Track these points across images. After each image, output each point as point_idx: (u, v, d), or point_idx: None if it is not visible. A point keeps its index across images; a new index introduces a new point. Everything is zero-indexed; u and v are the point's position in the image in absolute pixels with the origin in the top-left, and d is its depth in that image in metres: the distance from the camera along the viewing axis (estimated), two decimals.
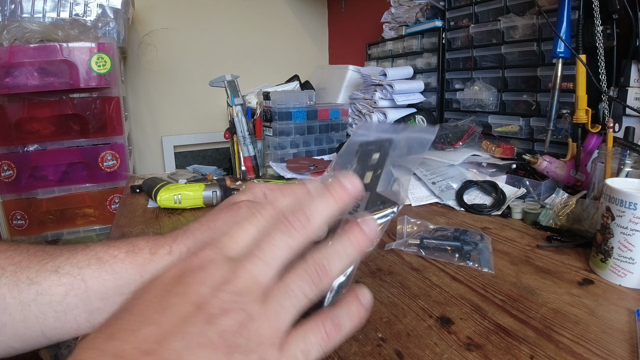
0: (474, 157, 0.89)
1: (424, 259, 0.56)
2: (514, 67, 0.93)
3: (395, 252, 0.58)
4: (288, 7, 1.91)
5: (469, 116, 1.02)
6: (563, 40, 0.74)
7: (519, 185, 0.78)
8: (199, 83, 1.62)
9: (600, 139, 0.74)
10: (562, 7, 0.74)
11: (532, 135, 0.90)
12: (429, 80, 1.17)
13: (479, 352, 0.36)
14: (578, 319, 0.41)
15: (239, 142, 1.01)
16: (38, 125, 1.21)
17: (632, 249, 0.46)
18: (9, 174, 1.18)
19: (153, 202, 0.80)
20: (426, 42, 1.18)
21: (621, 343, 0.37)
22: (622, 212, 0.46)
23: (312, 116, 1.08)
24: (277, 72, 1.78)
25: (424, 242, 0.58)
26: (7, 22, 1.14)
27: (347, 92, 1.29)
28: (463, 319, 0.41)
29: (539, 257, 0.55)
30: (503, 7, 0.94)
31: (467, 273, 0.51)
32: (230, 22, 1.79)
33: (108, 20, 1.29)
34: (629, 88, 0.73)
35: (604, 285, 0.48)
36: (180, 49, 1.71)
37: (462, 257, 0.55)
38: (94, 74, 1.18)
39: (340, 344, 0.37)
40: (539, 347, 0.36)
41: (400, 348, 0.37)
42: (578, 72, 0.72)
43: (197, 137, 1.82)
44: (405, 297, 0.45)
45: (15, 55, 1.11)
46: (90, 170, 1.26)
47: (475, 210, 0.74)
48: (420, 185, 0.83)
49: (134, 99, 1.68)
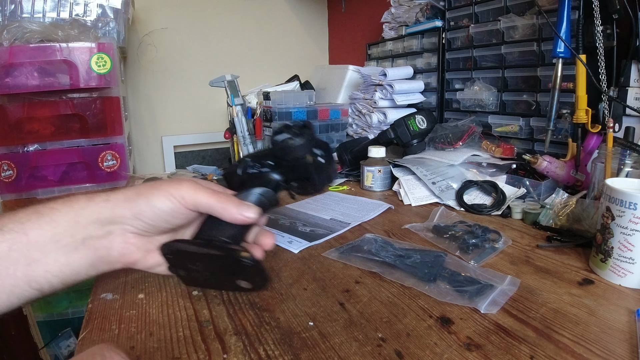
0: (474, 157, 0.89)
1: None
2: (514, 67, 0.93)
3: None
4: (288, 7, 1.91)
5: (469, 116, 1.02)
6: (563, 40, 0.74)
7: (519, 185, 0.78)
8: (199, 83, 1.62)
9: (600, 139, 0.74)
10: (562, 7, 0.74)
11: (532, 135, 0.90)
12: (429, 80, 1.17)
13: (479, 352, 0.36)
14: (578, 319, 0.41)
15: (239, 142, 1.01)
16: (38, 125, 1.21)
17: (632, 249, 0.46)
18: (9, 174, 1.18)
19: None
20: (426, 42, 1.18)
21: (621, 343, 0.37)
22: (622, 212, 0.46)
23: (312, 116, 1.08)
24: (277, 72, 1.78)
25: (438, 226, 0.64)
26: (7, 22, 1.14)
27: (347, 92, 1.29)
28: (463, 319, 0.41)
29: (539, 257, 0.55)
30: (503, 7, 0.94)
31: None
32: (230, 22, 1.79)
33: (108, 20, 1.29)
34: (629, 88, 0.73)
35: (604, 285, 0.48)
36: (180, 49, 1.71)
37: (464, 250, 0.56)
38: (94, 74, 1.18)
39: (340, 344, 0.37)
40: (539, 347, 0.36)
41: (400, 348, 0.37)
42: (578, 72, 0.73)
43: (197, 137, 1.82)
44: (405, 297, 0.45)
45: (15, 55, 1.11)
46: (90, 170, 1.26)
47: (475, 210, 0.74)
48: (420, 185, 0.83)
49: (134, 99, 1.68)
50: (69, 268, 0.39)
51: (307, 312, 0.43)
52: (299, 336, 0.39)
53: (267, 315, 0.42)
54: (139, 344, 0.38)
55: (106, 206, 0.40)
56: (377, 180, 0.90)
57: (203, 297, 0.46)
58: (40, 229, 0.37)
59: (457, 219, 0.68)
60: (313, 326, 0.40)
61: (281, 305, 0.44)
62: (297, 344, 0.37)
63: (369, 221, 0.71)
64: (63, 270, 0.38)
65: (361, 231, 0.66)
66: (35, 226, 0.37)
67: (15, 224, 0.37)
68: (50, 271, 0.38)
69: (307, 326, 0.40)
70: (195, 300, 0.45)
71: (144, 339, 0.38)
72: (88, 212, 0.40)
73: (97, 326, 0.40)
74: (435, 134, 0.97)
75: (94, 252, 0.40)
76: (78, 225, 0.39)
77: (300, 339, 0.38)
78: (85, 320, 0.42)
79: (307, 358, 0.35)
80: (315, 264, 0.54)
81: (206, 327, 0.40)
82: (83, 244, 0.39)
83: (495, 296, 0.44)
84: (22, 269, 0.36)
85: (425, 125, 0.97)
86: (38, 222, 0.38)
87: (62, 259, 0.38)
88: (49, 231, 0.38)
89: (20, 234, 0.37)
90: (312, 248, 0.60)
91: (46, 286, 0.38)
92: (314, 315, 0.42)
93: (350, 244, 0.60)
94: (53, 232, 0.38)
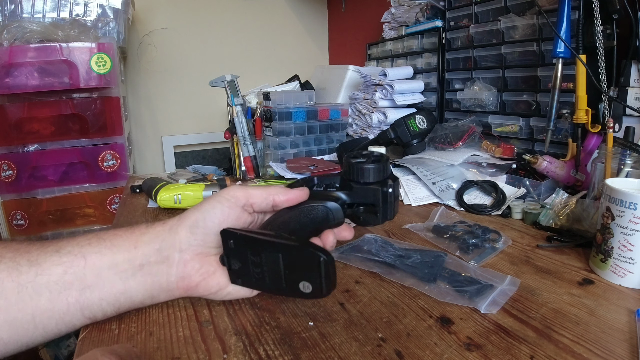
0: (474, 157, 0.89)
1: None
2: (514, 67, 0.93)
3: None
4: (288, 7, 1.91)
5: (469, 116, 1.02)
6: (563, 40, 0.74)
7: (519, 185, 0.78)
8: (199, 83, 1.62)
9: (600, 139, 0.74)
10: (562, 7, 0.74)
11: (532, 135, 0.90)
12: (429, 80, 1.17)
13: (479, 352, 0.36)
14: (578, 319, 0.41)
15: (239, 142, 1.01)
16: (38, 125, 1.21)
17: (632, 249, 0.46)
18: (9, 174, 1.18)
19: (153, 202, 0.80)
20: (426, 42, 1.18)
21: (621, 343, 0.37)
22: (622, 212, 0.46)
23: (312, 116, 1.08)
24: (277, 72, 1.78)
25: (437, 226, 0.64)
26: (7, 22, 1.14)
27: (347, 92, 1.29)
28: (463, 319, 0.41)
29: (539, 257, 0.55)
30: (503, 7, 0.94)
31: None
32: (230, 22, 1.79)
33: (108, 20, 1.29)
34: (629, 88, 0.73)
35: (604, 285, 0.48)
36: (180, 49, 1.71)
37: (464, 250, 0.56)
38: (94, 74, 1.18)
39: (340, 344, 0.37)
40: (539, 347, 0.36)
41: (400, 348, 0.37)
42: (578, 72, 0.72)
43: (197, 137, 1.82)
44: (405, 297, 0.45)
45: (15, 55, 1.11)
46: (90, 170, 1.26)
47: (475, 210, 0.74)
48: (420, 185, 0.83)
49: (134, 99, 1.68)
50: (124, 296, 0.37)
51: (307, 312, 0.43)
52: (299, 336, 0.39)
53: (267, 315, 0.42)
54: (139, 344, 0.38)
55: (163, 229, 0.39)
56: None
57: (203, 297, 0.46)
58: (99, 254, 0.36)
59: (457, 219, 0.68)
60: (313, 326, 0.40)
61: (281, 305, 0.44)
62: (297, 344, 0.37)
63: None
64: (118, 298, 0.37)
65: (361, 231, 0.66)
66: (94, 250, 0.36)
67: (74, 247, 0.36)
68: (106, 299, 0.36)
69: (307, 326, 0.40)
70: (195, 300, 0.45)
71: (144, 339, 0.38)
72: (147, 238, 0.38)
73: (97, 326, 0.40)
74: (435, 134, 0.97)
75: (151, 278, 0.38)
76: (137, 251, 0.38)
77: (300, 339, 0.38)
78: None
79: (307, 358, 0.35)
80: None
81: (206, 327, 0.40)
82: (141, 269, 0.38)
83: (495, 296, 0.44)
84: (75, 294, 0.35)
85: (425, 125, 0.97)
86: (98, 247, 0.36)
87: (119, 285, 0.37)
88: (108, 256, 0.36)
89: (78, 258, 0.35)
90: None
91: (99, 314, 0.37)
92: (314, 315, 0.42)
93: (350, 244, 0.60)
94: (112, 258, 0.36)
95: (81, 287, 0.35)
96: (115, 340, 0.38)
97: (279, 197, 0.41)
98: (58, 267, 0.34)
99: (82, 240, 0.36)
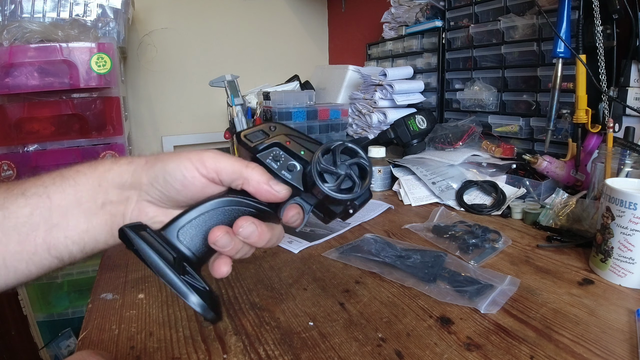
0: (474, 157, 0.89)
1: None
2: (514, 67, 0.93)
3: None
4: (288, 7, 1.91)
5: (469, 116, 1.02)
6: (563, 40, 0.74)
7: (519, 185, 0.78)
8: (199, 83, 1.61)
9: (600, 139, 0.74)
10: (562, 7, 0.74)
11: (532, 135, 0.90)
12: (429, 80, 1.17)
13: (479, 352, 0.36)
14: (578, 319, 0.41)
15: None
16: (38, 125, 1.21)
17: (632, 249, 0.46)
18: (9, 174, 1.18)
19: None
20: (426, 42, 1.18)
21: (621, 343, 0.37)
22: (622, 212, 0.46)
23: (312, 116, 1.08)
24: (277, 72, 1.78)
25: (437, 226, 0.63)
26: (7, 22, 1.14)
27: (347, 92, 1.29)
28: (463, 319, 0.41)
29: (539, 257, 0.55)
30: (503, 7, 0.94)
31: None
32: (230, 22, 1.79)
33: (108, 21, 1.29)
34: (629, 88, 0.73)
35: (604, 285, 0.48)
36: (180, 49, 1.71)
37: (464, 250, 0.56)
38: (94, 74, 1.18)
39: (340, 344, 0.37)
40: (539, 347, 0.36)
41: (400, 348, 0.37)
42: (578, 72, 0.72)
43: (197, 137, 1.82)
44: (405, 297, 0.45)
45: (15, 55, 1.11)
46: None
47: (475, 210, 0.74)
48: (420, 185, 0.83)
49: (134, 99, 1.68)
50: (88, 235, 0.37)
51: (307, 312, 0.43)
52: (299, 336, 0.39)
53: (267, 315, 0.42)
54: (139, 344, 0.38)
55: (128, 169, 0.37)
56: (377, 181, 0.90)
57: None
58: (63, 192, 0.36)
59: (457, 219, 0.68)
60: (313, 326, 0.40)
61: (281, 305, 0.44)
62: (297, 344, 0.37)
63: (369, 221, 0.71)
64: (83, 237, 0.37)
65: (361, 231, 0.66)
66: (59, 190, 0.36)
67: (39, 188, 0.35)
68: (70, 237, 0.36)
69: (307, 326, 0.40)
70: None
71: (144, 339, 0.38)
72: (111, 176, 0.37)
73: (97, 326, 0.40)
74: (435, 134, 0.97)
75: (111, 217, 0.37)
76: (100, 189, 0.37)
77: (300, 339, 0.38)
78: (85, 320, 0.42)
79: (307, 358, 0.35)
80: (315, 264, 0.54)
81: (206, 327, 0.40)
82: (102, 208, 0.37)
83: (495, 296, 0.44)
84: (43, 234, 0.35)
85: (425, 125, 0.97)
86: (62, 186, 0.36)
87: (82, 224, 0.36)
88: (72, 194, 0.36)
89: (43, 198, 0.35)
90: (312, 248, 0.60)
91: (66, 254, 0.36)
92: (314, 315, 0.42)
93: (350, 244, 0.60)
94: (75, 196, 0.36)
95: (48, 227, 0.35)
96: (115, 341, 0.38)
97: (250, 187, 0.36)
98: (25, 209, 0.34)
99: (47, 180, 0.36)
